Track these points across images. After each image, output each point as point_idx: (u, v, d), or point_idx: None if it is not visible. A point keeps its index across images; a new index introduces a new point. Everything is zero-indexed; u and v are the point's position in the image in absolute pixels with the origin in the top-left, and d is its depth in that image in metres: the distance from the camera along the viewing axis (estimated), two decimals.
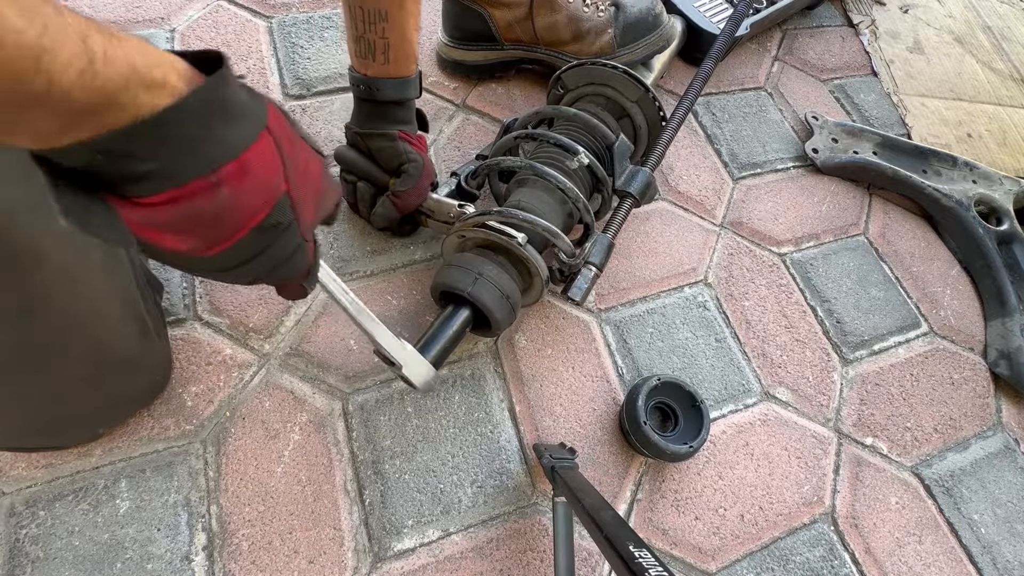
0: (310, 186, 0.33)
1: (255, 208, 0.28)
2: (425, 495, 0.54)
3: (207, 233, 0.28)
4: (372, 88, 0.56)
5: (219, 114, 0.26)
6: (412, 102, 0.60)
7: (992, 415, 0.71)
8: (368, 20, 0.52)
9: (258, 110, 0.28)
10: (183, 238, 0.27)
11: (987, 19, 1.16)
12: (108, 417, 0.50)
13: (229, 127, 0.26)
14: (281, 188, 0.29)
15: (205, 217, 0.26)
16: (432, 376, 0.49)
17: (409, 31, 0.54)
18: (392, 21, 0.52)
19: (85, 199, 0.24)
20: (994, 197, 0.84)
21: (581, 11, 0.75)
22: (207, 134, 0.25)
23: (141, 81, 0.22)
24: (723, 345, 0.68)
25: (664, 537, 0.56)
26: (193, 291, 0.60)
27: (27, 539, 0.47)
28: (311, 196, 0.33)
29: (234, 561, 0.49)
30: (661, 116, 0.66)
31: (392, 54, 0.54)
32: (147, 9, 0.78)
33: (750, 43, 1.00)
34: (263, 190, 0.28)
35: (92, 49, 0.20)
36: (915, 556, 0.60)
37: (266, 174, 0.28)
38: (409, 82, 0.58)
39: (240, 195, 0.27)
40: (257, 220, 0.29)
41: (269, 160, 0.28)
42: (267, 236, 0.30)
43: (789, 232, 0.80)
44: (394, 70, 0.56)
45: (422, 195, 0.60)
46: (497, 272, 0.53)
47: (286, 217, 0.31)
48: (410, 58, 0.56)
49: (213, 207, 0.26)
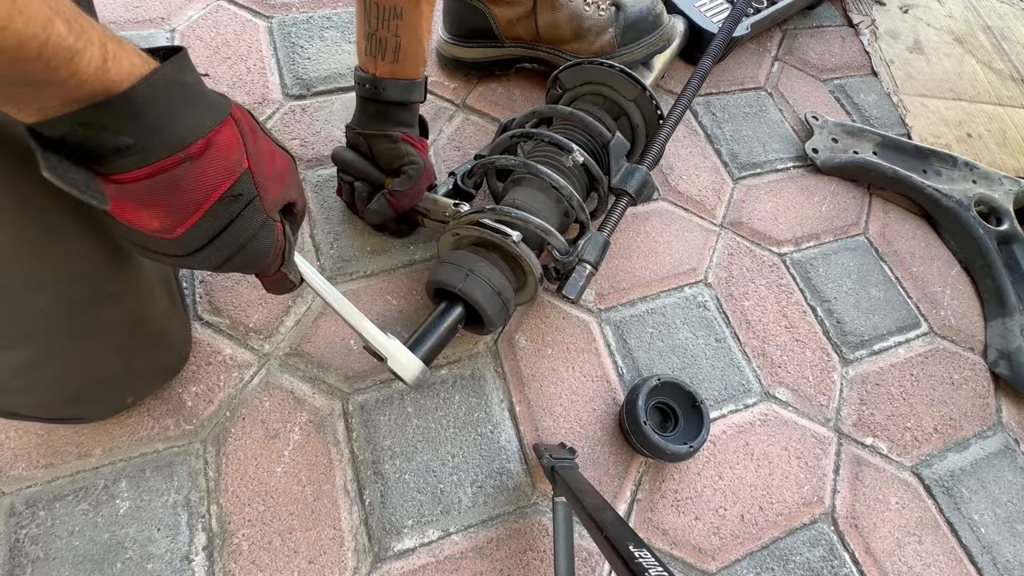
0: (274, 169, 0.37)
1: (219, 180, 0.32)
2: (425, 495, 0.54)
3: (176, 205, 0.31)
4: (378, 88, 0.56)
5: (183, 96, 0.29)
6: (416, 105, 0.60)
7: (992, 415, 0.71)
8: (382, 16, 0.52)
9: (222, 102, 0.32)
10: (154, 213, 0.30)
11: (987, 19, 1.16)
12: (136, 387, 0.50)
13: (194, 110, 0.30)
14: (243, 164, 0.33)
15: (173, 188, 0.30)
16: (421, 371, 0.48)
17: (421, 32, 0.54)
18: (406, 19, 0.52)
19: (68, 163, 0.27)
20: (994, 197, 0.83)
21: (582, 9, 0.75)
22: (174, 113, 0.29)
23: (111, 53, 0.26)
24: (723, 345, 0.68)
25: (664, 537, 0.56)
26: (193, 291, 0.60)
27: (27, 539, 0.47)
28: (275, 177, 0.36)
29: (234, 561, 0.49)
30: (659, 115, 0.66)
31: (402, 54, 0.54)
32: (147, 9, 0.78)
33: (750, 43, 1.00)
34: (226, 164, 0.32)
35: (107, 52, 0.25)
36: (915, 556, 0.60)
37: (229, 151, 0.32)
38: (416, 84, 0.58)
39: (204, 168, 0.31)
40: (220, 191, 0.32)
41: (232, 140, 0.32)
42: (231, 208, 0.33)
43: (789, 232, 0.80)
44: (402, 70, 0.56)
45: (419, 196, 0.60)
46: (489, 269, 0.53)
47: (248, 190, 0.34)
48: (419, 60, 0.57)
49: (180, 179, 0.30)
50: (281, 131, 0.72)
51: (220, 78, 0.74)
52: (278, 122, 0.72)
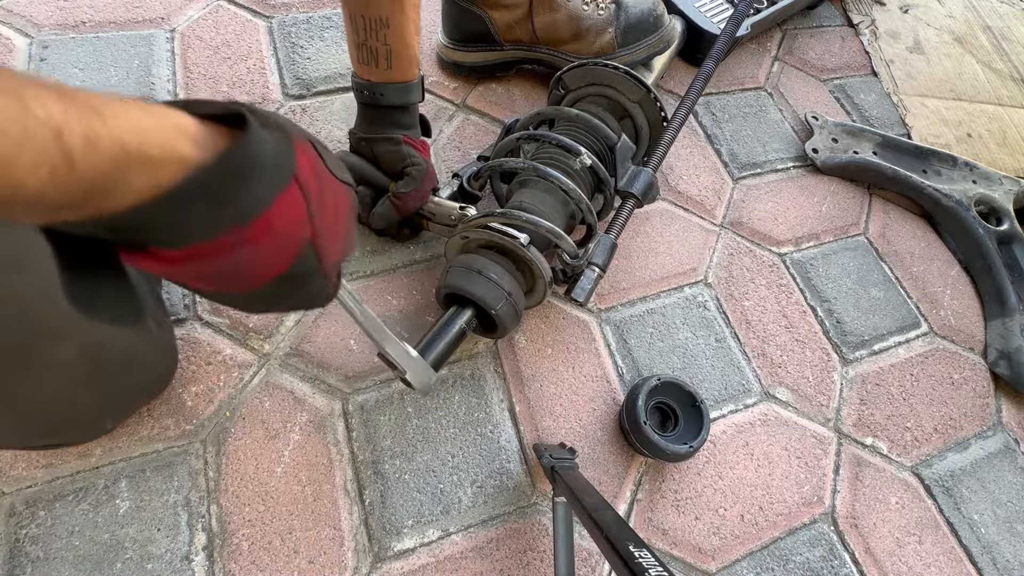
0: (337, 226, 0.32)
1: (276, 262, 0.28)
2: (425, 495, 0.54)
3: (226, 283, 0.27)
4: (375, 93, 0.57)
5: (241, 177, 0.24)
6: (415, 106, 0.60)
7: (992, 415, 0.71)
8: (370, 28, 0.52)
9: (286, 159, 0.26)
10: (201, 285, 0.27)
11: (987, 19, 1.16)
12: (114, 411, 0.48)
13: (252, 186, 0.24)
14: (306, 237, 0.28)
15: (224, 272, 0.26)
16: (433, 380, 0.49)
17: (410, 36, 0.54)
18: (394, 27, 0.52)
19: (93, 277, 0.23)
20: (994, 197, 0.83)
21: (581, 9, 0.75)
22: (227, 199, 0.24)
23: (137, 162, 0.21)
24: (723, 345, 0.68)
25: (664, 537, 0.56)
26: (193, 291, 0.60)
27: (27, 539, 0.47)
28: (338, 236, 0.32)
29: (234, 561, 0.49)
30: (663, 117, 0.66)
31: (394, 60, 0.54)
32: (147, 9, 0.78)
33: (750, 43, 1.00)
34: (285, 245, 0.27)
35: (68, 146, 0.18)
36: (915, 556, 0.60)
37: (289, 229, 0.27)
38: (412, 86, 0.58)
39: (261, 252, 0.26)
40: (278, 271, 0.28)
41: (294, 213, 0.27)
42: (289, 283, 0.30)
43: (789, 232, 0.80)
44: (397, 75, 0.56)
45: (423, 198, 0.60)
46: (502, 274, 0.53)
47: (311, 265, 0.30)
48: (412, 62, 0.56)
49: (233, 264, 0.26)
50: None
51: (220, 78, 0.74)
52: None
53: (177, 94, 0.72)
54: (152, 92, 0.71)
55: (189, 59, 0.75)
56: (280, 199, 0.26)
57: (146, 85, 0.72)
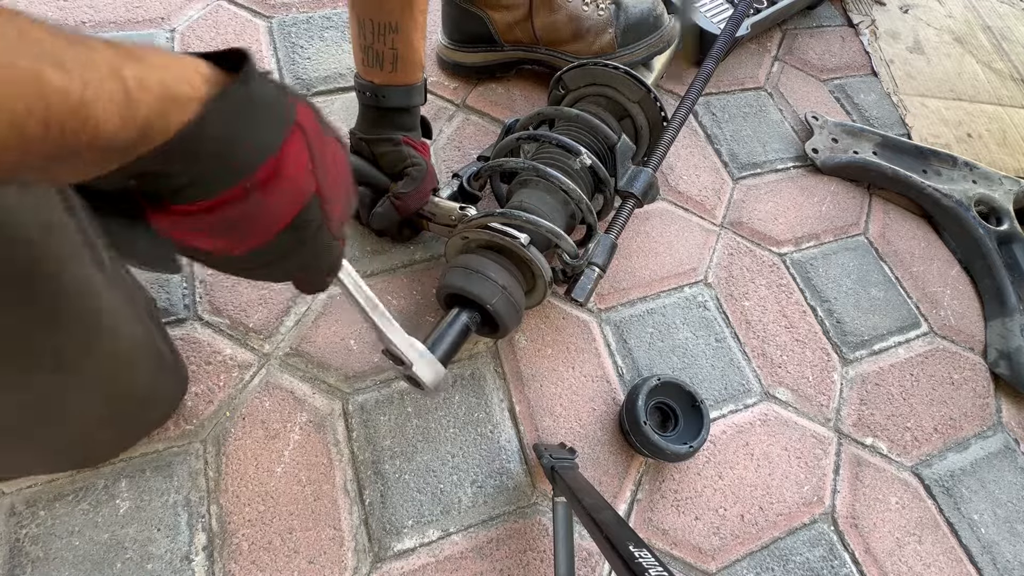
0: (339, 182, 0.32)
1: (285, 210, 0.28)
2: (425, 495, 0.54)
3: (238, 235, 0.28)
4: (378, 95, 0.57)
5: (247, 116, 0.25)
6: (417, 108, 0.61)
7: (992, 415, 0.71)
8: (378, 32, 0.52)
9: (287, 108, 0.28)
10: (213, 240, 0.28)
11: (987, 19, 1.16)
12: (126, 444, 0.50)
13: (258, 129, 0.26)
14: (311, 188, 0.29)
15: (237, 221, 0.27)
16: (442, 376, 0.49)
17: (417, 41, 0.54)
18: (403, 32, 0.52)
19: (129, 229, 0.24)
20: (994, 197, 0.83)
21: (580, 10, 0.75)
22: (237, 139, 0.25)
23: (172, 100, 0.22)
24: (723, 345, 0.68)
25: (664, 537, 0.56)
26: (193, 291, 0.60)
27: (27, 539, 0.47)
28: (341, 193, 0.33)
29: (234, 561, 0.49)
30: (663, 117, 0.66)
31: (400, 63, 0.55)
32: (147, 9, 0.78)
33: (750, 43, 1.00)
34: (293, 192, 0.28)
35: (127, 82, 0.20)
36: (915, 556, 0.60)
37: (296, 175, 0.28)
38: (415, 89, 0.58)
39: (271, 198, 0.27)
40: (287, 221, 0.29)
41: (299, 160, 0.28)
42: (297, 235, 0.30)
43: (789, 232, 0.80)
44: (401, 78, 0.56)
45: (423, 198, 0.60)
46: (503, 274, 0.53)
47: (316, 216, 0.30)
48: (416, 66, 0.57)
49: (245, 212, 0.26)
50: None
51: None
52: None
53: None
54: None
55: None
56: (285, 146, 0.27)
57: None
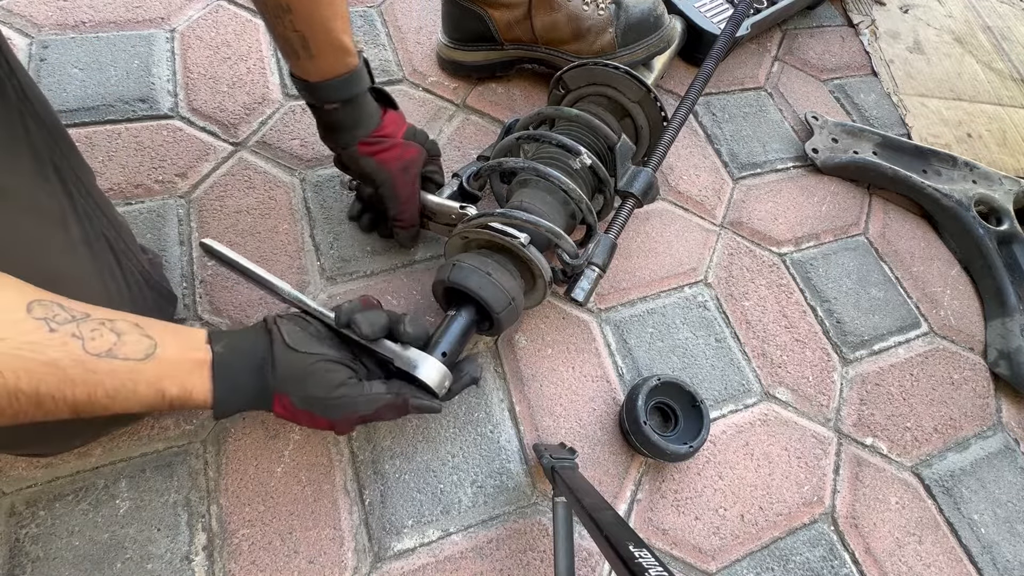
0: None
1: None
2: (425, 495, 0.54)
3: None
4: (309, 92, 0.52)
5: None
6: (360, 100, 0.53)
7: (992, 415, 0.71)
8: (271, 14, 0.46)
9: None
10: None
11: (987, 19, 1.16)
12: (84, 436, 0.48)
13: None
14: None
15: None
16: (449, 380, 0.48)
17: (325, 18, 0.46)
18: (298, 11, 0.45)
19: None
20: (994, 197, 0.83)
21: (580, 9, 0.75)
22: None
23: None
24: (723, 345, 0.68)
25: (664, 537, 0.56)
26: (193, 291, 0.60)
27: (27, 539, 0.47)
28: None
29: (234, 561, 0.49)
30: (663, 117, 0.66)
31: (314, 48, 0.48)
32: (147, 9, 0.78)
33: (750, 43, 1.00)
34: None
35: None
36: (915, 556, 0.60)
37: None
38: (348, 79, 0.50)
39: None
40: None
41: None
42: None
43: (789, 232, 0.80)
44: (324, 66, 0.49)
45: (412, 203, 0.59)
46: (500, 271, 0.53)
47: None
48: (338, 51, 0.49)
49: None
50: (281, 131, 0.72)
51: (220, 78, 0.74)
52: (278, 122, 0.72)
53: (177, 94, 0.72)
54: (152, 92, 0.71)
55: (189, 59, 0.75)
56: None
57: (146, 85, 0.72)
